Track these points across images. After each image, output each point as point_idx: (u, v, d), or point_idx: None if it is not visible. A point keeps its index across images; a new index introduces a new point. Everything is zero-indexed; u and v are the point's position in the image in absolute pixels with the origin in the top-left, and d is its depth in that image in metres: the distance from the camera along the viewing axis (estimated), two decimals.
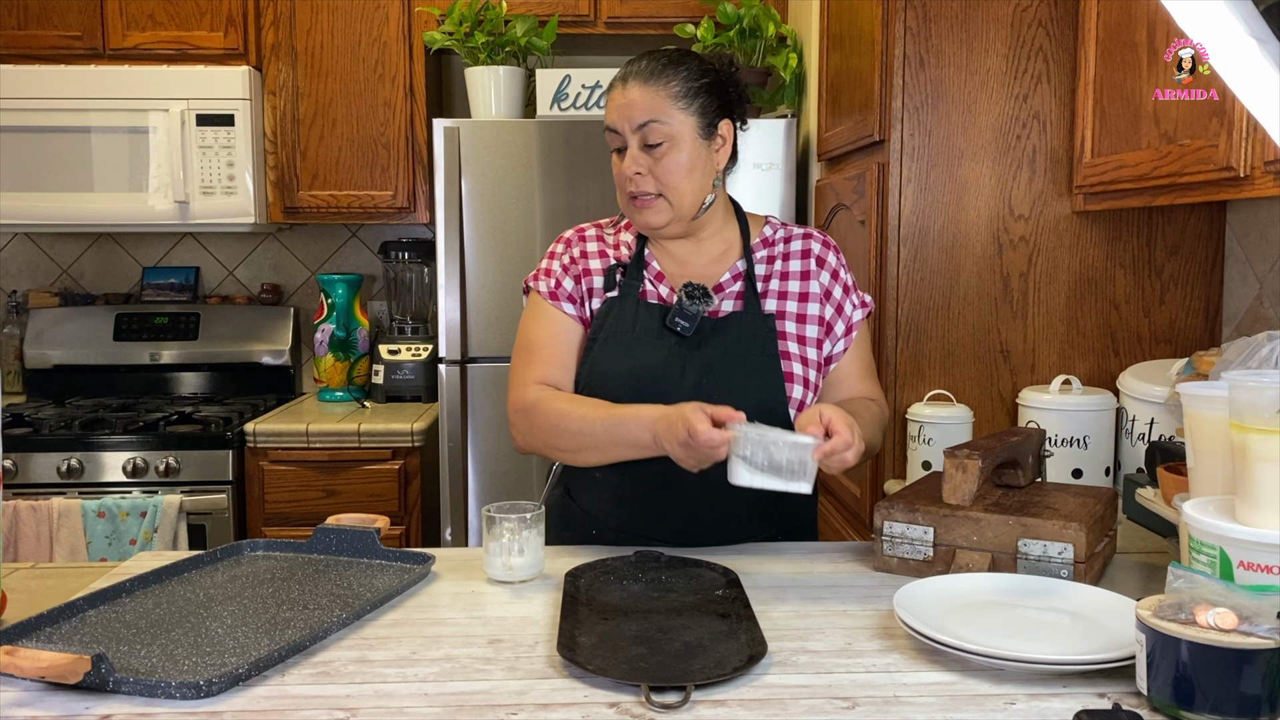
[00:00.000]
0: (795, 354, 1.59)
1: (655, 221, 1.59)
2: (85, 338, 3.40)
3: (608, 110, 1.60)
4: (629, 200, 1.60)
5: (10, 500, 2.75)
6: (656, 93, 1.55)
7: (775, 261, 1.66)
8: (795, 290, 1.63)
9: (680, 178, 1.56)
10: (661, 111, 1.54)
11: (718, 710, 1.01)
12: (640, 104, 1.55)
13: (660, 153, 1.55)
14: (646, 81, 1.56)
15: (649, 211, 1.58)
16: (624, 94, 1.57)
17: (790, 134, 2.87)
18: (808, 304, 1.63)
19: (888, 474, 2.15)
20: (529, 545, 1.41)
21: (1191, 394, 1.25)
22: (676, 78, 1.56)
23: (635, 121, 1.55)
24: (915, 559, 1.42)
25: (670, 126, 1.55)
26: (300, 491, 2.96)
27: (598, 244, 1.69)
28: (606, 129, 1.60)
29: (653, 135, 1.54)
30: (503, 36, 3.00)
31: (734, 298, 1.62)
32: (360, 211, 3.22)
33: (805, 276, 1.64)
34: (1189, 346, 2.10)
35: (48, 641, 1.18)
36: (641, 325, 1.59)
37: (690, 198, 1.58)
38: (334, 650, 1.17)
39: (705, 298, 1.58)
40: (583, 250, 1.68)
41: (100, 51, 3.14)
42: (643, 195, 1.57)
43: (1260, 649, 0.94)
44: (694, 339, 1.57)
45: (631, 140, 1.56)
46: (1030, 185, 2.08)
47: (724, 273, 1.64)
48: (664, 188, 1.56)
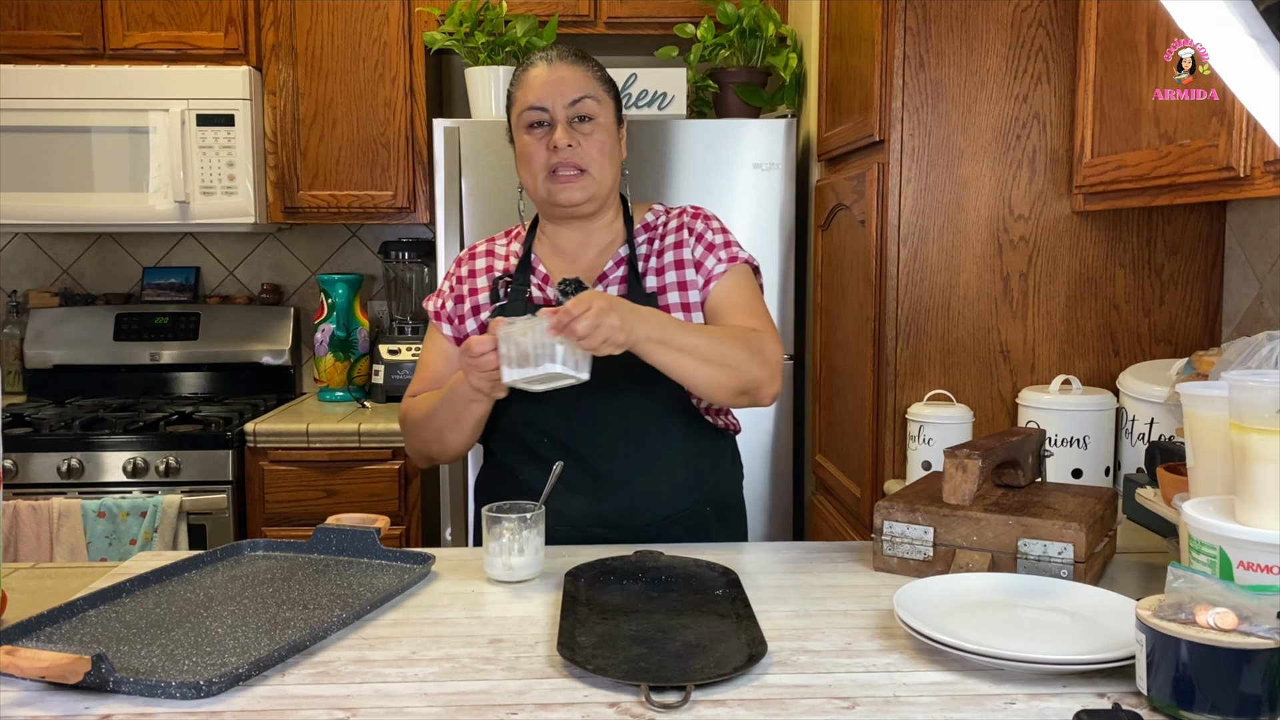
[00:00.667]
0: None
1: (576, 198, 1.62)
2: (85, 338, 3.40)
3: (528, 88, 1.62)
4: (549, 178, 1.62)
5: (10, 500, 2.75)
6: (586, 73, 1.63)
7: (654, 241, 1.70)
8: (671, 261, 1.67)
9: (604, 155, 1.63)
10: (593, 89, 1.62)
11: (718, 710, 1.02)
12: (572, 80, 1.61)
13: (589, 129, 1.61)
14: (575, 62, 1.63)
15: (572, 188, 1.62)
16: (552, 71, 1.61)
17: (790, 134, 2.87)
18: (684, 271, 1.66)
19: (888, 474, 2.15)
20: (529, 545, 1.41)
21: (1191, 394, 1.25)
22: (596, 66, 1.65)
23: (569, 96, 1.60)
24: (915, 559, 1.42)
25: (599, 104, 1.62)
26: (300, 491, 2.96)
27: (486, 259, 1.76)
28: (528, 108, 1.61)
29: (585, 109, 1.60)
30: (503, 36, 3.00)
31: (618, 283, 1.66)
32: (360, 211, 3.22)
33: (679, 246, 1.68)
34: (1189, 346, 2.10)
35: (48, 641, 1.18)
36: None
37: (609, 178, 1.65)
38: (334, 650, 1.17)
39: (580, 289, 1.61)
40: (470, 269, 1.75)
41: (100, 51, 3.14)
42: (567, 169, 1.60)
43: (1260, 649, 0.94)
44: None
45: (562, 115, 1.60)
46: (1030, 185, 2.08)
47: (608, 262, 1.68)
48: (589, 163, 1.61)
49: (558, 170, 1.61)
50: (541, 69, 1.63)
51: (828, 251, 2.63)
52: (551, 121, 1.61)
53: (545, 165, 1.62)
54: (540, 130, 1.62)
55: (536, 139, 1.62)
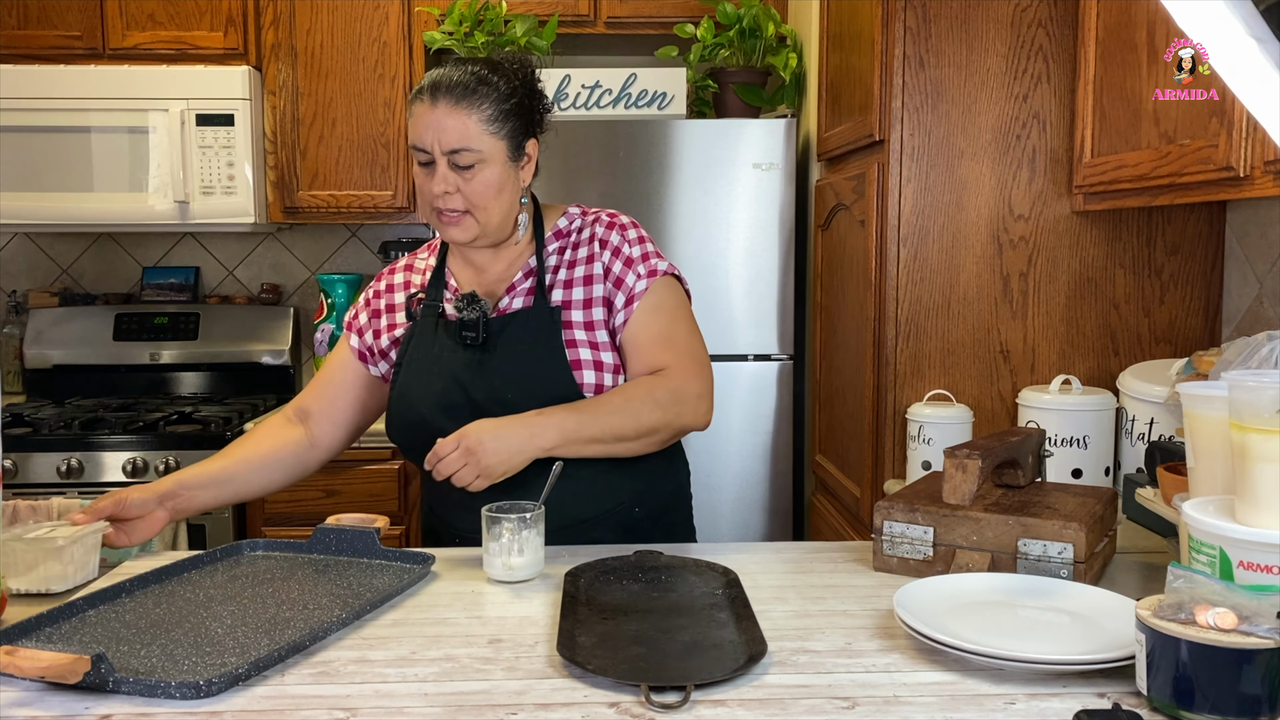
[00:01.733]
0: (583, 340, 1.61)
1: (462, 238, 1.60)
2: (85, 338, 3.40)
3: (414, 124, 1.56)
4: (434, 214, 1.59)
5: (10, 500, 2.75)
6: (468, 117, 1.53)
7: (566, 251, 1.67)
8: (580, 275, 1.64)
9: (490, 198, 1.57)
10: (472, 138, 1.53)
11: (718, 710, 1.01)
12: (451, 129, 1.53)
13: (470, 174, 1.55)
14: (457, 103, 1.53)
15: (455, 229, 1.59)
16: (432, 113, 1.54)
17: (790, 134, 2.87)
18: (591, 286, 1.64)
19: (888, 474, 2.15)
20: (529, 545, 1.41)
21: (1191, 394, 1.25)
22: (487, 100, 1.54)
23: (446, 146, 1.53)
24: (915, 559, 1.42)
25: (481, 152, 1.54)
26: (300, 491, 2.95)
27: (404, 274, 1.75)
28: (413, 146, 1.57)
29: (463, 159, 1.54)
30: (503, 36, 3.00)
31: (525, 294, 1.64)
32: (360, 211, 3.22)
33: (590, 260, 1.65)
34: (1189, 346, 2.10)
35: (48, 641, 1.18)
36: (440, 343, 1.63)
37: (498, 216, 1.59)
38: (334, 650, 1.17)
39: (474, 303, 1.60)
40: (389, 284, 1.76)
41: (100, 51, 3.14)
42: (449, 212, 1.57)
43: (1260, 649, 0.94)
44: (487, 344, 1.60)
45: (440, 160, 1.55)
46: (1030, 185, 2.08)
47: (516, 273, 1.66)
48: (473, 207, 1.57)
49: (441, 211, 1.57)
50: (423, 105, 1.55)
51: (828, 251, 2.63)
52: (434, 162, 1.55)
53: (430, 203, 1.58)
54: (425, 168, 1.57)
55: (423, 173, 1.58)
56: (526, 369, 1.58)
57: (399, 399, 1.65)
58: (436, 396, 1.60)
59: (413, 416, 1.62)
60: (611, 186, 2.87)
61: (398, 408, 1.65)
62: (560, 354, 1.58)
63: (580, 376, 1.58)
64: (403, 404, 1.64)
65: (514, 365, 1.58)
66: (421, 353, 1.64)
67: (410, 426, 1.63)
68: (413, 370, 1.64)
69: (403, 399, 1.64)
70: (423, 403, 1.61)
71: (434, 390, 1.61)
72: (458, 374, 1.60)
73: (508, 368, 1.58)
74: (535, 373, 1.58)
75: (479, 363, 1.59)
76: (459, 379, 1.59)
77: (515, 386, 1.56)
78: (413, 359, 1.65)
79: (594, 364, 1.60)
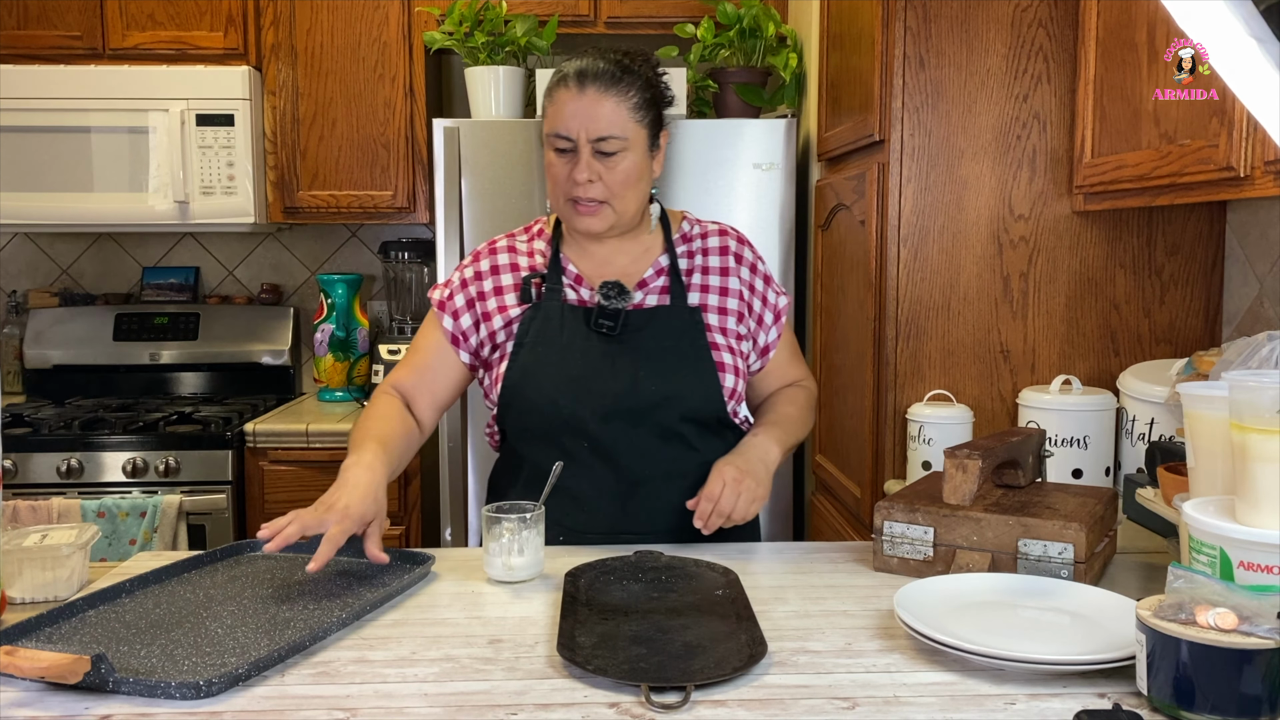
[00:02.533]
0: (723, 344, 1.63)
1: (598, 228, 1.59)
2: (85, 338, 3.40)
3: (555, 111, 1.55)
4: (569, 204, 1.58)
5: (10, 500, 2.75)
6: (619, 104, 1.53)
7: (695, 256, 1.68)
8: (716, 284, 1.66)
9: (629, 187, 1.57)
10: (621, 125, 1.54)
11: (718, 710, 1.01)
12: (601, 116, 1.53)
13: (614, 162, 1.55)
14: (606, 90, 1.53)
15: (593, 219, 1.58)
16: (579, 99, 1.53)
17: (790, 134, 2.87)
18: (728, 298, 1.66)
19: (888, 474, 2.15)
20: (529, 545, 1.41)
21: (1191, 394, 1.25)
22: (633, 87, 1.55)
23: (596, 132, 1.53)
24: (915, 559, 1.42)
25: (626, 140, 1.54)
26: (300, 491, 2.95)
27: (508, 255, 1.71)
28: (555, 134, 1.55)
29: (608, 146, 1.53)
30: (503, 36, 3.00)
31: (659, 292, 1.64)
32: (360, 211, 3.22)
33: (725, 273, 1.68)
34: (1189, 346, 2.10)
35: (48, 641, 1.18)
36: (568, 329, 1.61)
37: (633, 206, 1.60)
38: (334, 650, 1.17)
39: (622, 294, 1.60)
40: (492, 265, 1.70)
41: (100, 51, 3.14)
42: (586, 202, 1.56)
43: (1260, 649, 0.94)
44: (622, 336, 1.59)
45: (585, 148, 1.54)
46: (1030, 185, 2.08)
47: (646, 269, 1.66)
48: (611, 196, 1.56)
49: (578, 201, 1.56)
50: (571, 94, 1.54)
51: (828, 251, 2.63)
52: (576, 149, 1.54)
53: (566, 191, 1.57)
54: (565, 155, 1.56)
55: (561, 161, 1.56)
56: (672, 366, 1.58)
57: (521, 380, 1.60)
58: (568, 381, 1.57)
59: (538, 398, 1.58)
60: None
61: (520, 389, 1.60)
62: (707, 355, 1.60)
63: (724, 379, 1.60)
64: (525, 385, 1.60)
65: (660, 360, 1.58)
66: (548, 336, 1.61)
67: (534, 410, 1.59)
68: (537, 353, 1.60)
69: (526, 380, 1.60)
70: (551, 385, 1.58)
71: (565, 374, 1.57)
72: (594, 362, 1.57)
73: (654, 361, 1.58)
74: (681, 371, 1.58)
75: (616, 353, 1.58)
76: (595, 367, 1.57)
77: (660, 381, 1.56)
78: (536, 342, 1.61)
79: (734, 369, 1.62)
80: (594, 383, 1.57)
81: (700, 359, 1.60)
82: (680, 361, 1.59)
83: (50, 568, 1.34)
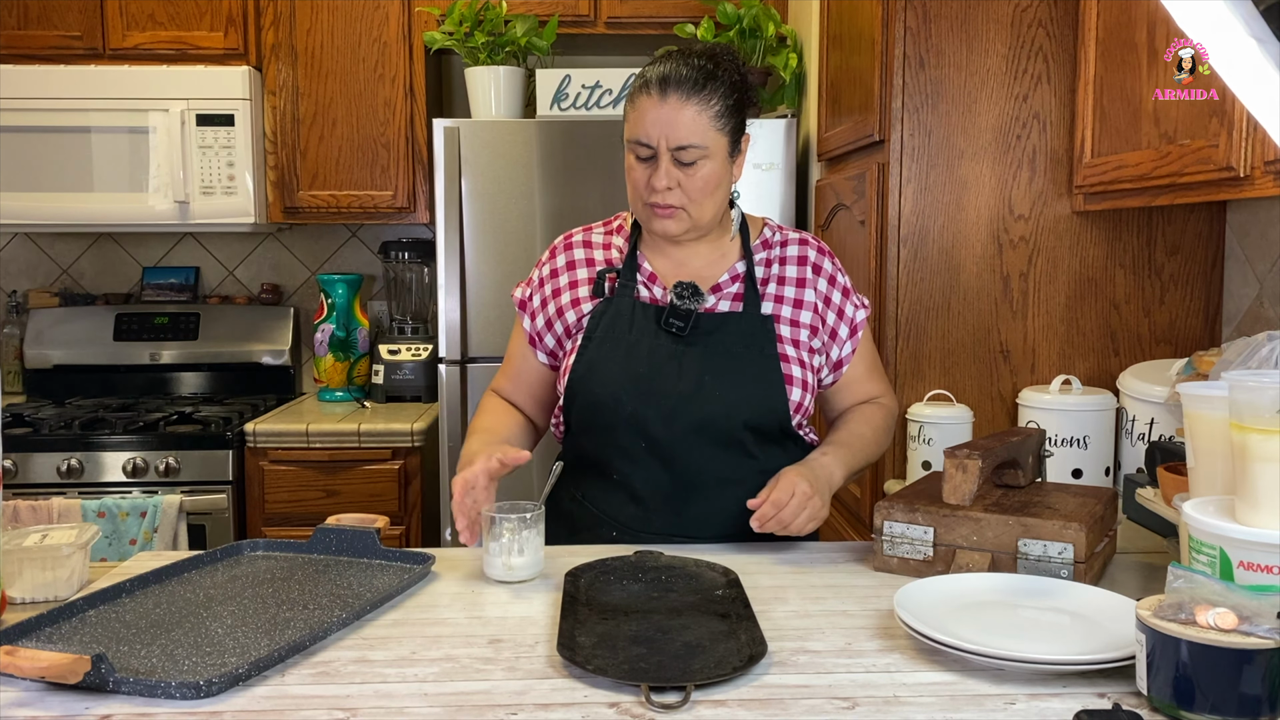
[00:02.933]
0: (793, 357, 1.60)
1: (674, 230, 1.58)
2: (85, 338, 3.40)
3: (638, 119, 1.53)
4: (648, 209, 1.57)
5: (10, 500, 2.75)
6: (700, 113, 1.51)
7: (773, 265, 1.66)
8: (791, 296, 1.64)
9: (707, 194, 1.55)
10: (702, 134, 1.51)
11: (718, 710, 1.01)
12: (682, 124, 1.50)
13: (693, 170, 1.53)
14: (688, 98, 1.50)
15: (670, 222, 1.57)
16: (661, 107, 1.50)
17: (790, 134, 2.87)
18: (802, 310, 1.63)
19: (888, 474, 2.15)
20: (529, 545, 1.41)
21: (1191, 394, 1.25)
22: (715, 95, 1.52)
23: (676, 141, 1.51)
24: (915, 559, 1.42)
25: (706, 149, 1.52)
26: (300, 491, 2.96)
27: (584, 250, 1.70)
28: (635, 141, 1.54)
29: (688, 156, 1.52)
30: (503, 36, 3.00)
31: (732, 298, 1.62)
32: (360, 211, 3.22)
33: (801, 284, 1.65)
34: (1189, 346, 2.10)
35: (48, 641, 1.17)
36: (638, 326, 1.60)
37: (711, 211, 1.58)
38: (334, 650, 1.17)
39: (696, 295, 1.58)
40: (569, 260, 1.69)
41: (100, 51, 3.14)
42: (664, 206, 1.55)
43: (1260, 649, 0.94)
44: (691, 338, 1.58)
45: (664, 156, 1.52)
46: (1030, 185, 2.08)
47: (722, 273, 1.64)
48: (689, 203, 1.55)
49: (656, 205, 1.55)
50: (652, 101, 1.51)
51: None
52: (656, 156, 1.52)
53: (644, 196, 1.56)
54: (644, 163, 1.54)
55: (640, 167, 1.55)
56: (739, 373, 1.56)
57: (586, 374, 1.60)
58: (633, 379, 1.56)
59: (603, 394, 1.57)
60: (611, 187, 2.87)
61: (585, 383, 1.60)
62: (775, 365, 1.58)
63: (790, 391, 1.58)
64: (591, 380, 1.59)
65: (727, 366, 1.56)
66: (617, 332, 1.60)
67: (598, 404, 1.58)
68: (605, 348, 1.60)
69: (591, 374, 1.59)
70: (615, 382, 1.57)
71: (631, 372, 1.56)
72: (661, 362, 1.56)
73: (720, 367, 1.56)
74: (749, 378, 1.56)
75: (683, 355, 1.56)
76: (660, 366, 1.56)
77: (724, 387, 1.55)
78: (605, 337, 1.60)
79: (802, 383, 1.60)
80: (658, 382, 1.56)
81: (768, 368, 1.57)
82: (747, 369, 1.57)
83: (50, 568, 1.34)
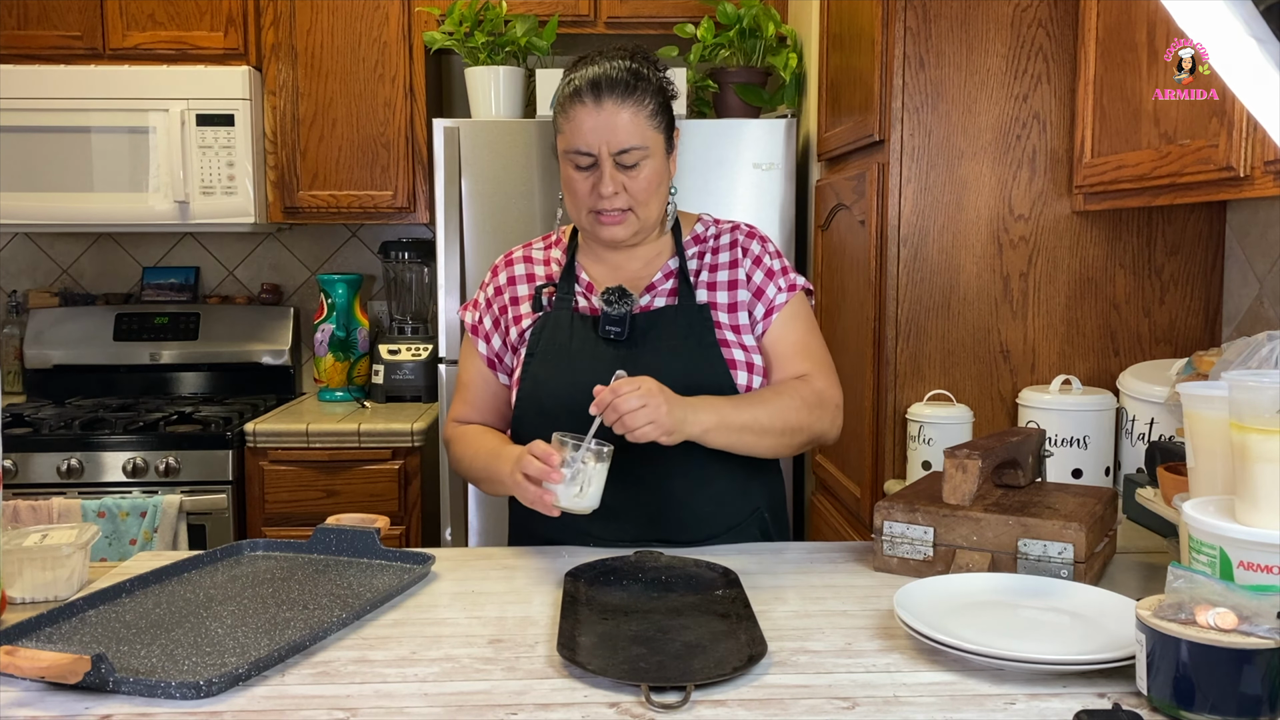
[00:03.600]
0: (734, 341, 1.60)
1: (622, 236, 1.58)
2: (85, 338, 3.40)
3: (574, 129, 1.52)
4: (593, 217, 1.57)
5: (10, 500, 2.75)
6: (636, 114, 1.52)
7: (706, 255, 1.66)
8: (724, 280, 1.64)
9: (651, 193, 1.56)
10: (641, 134, 1.52)
11: (718, 710, 1.01)
12: (623, 128, 1.51)
13: (635, 172, 1.54)
14: (623, 101, 1.51)
15: (619, 228, 1.57)
16: (598, 114, 1.51)
17: (790, 134, 2.87)
18: (736, 291, 1.63)
19: (888, 474, 2.15)
20: (596, 479, 1.38)
21: (1191, 394, 1.25)
22: (648, 94, 1.53)
23: (618, 145, 1.51)
24: (915, 559, 1.42)
25: (647, 148, 1.53)
26: (300, 491, 2.96)
27: (525, 266, 1.71)
28: (574, 151, 1.53)
29: (630, 158, 1.52)
30: (503, 36, 3.00)
31: (667, 294, 1.63)
32: (360, 211, 3.22)
33: (733, 265, 1.65)
34: (1189, 346, 2.10)
35: (48, 641, 1.18)
36: (578, 336, 1.60)
37: (656, 210, 1.60)
38: (334, 650, 1.17)
39: (624, 298, 1.58)
40: (510, 276, 1.70)
41: (100, 51, 3.14)
42: (611, 212, 1.55)
43: (1260, 649, 0.94)
44: (631, 340, 1.57)
45: (607, 161, 1.52)
46: (1030, 185, 2.08)
47: (655, 273, 1.65)
48: (635, 204, 1.56)
49: (602, 213, 1.55)
50: (587, 109, 1.51)
51: (828, 251, 2.63)
52: (597, 164, 1.53)
53: (589, 205, 1.56)
54: (585, 171, 1.54)
55: (581, 176, 1.55)
56: (682, 366, 1.55)
57: (532, 391, 1.60)
58: (579, 390, 1.52)
59: (552, 407, 1.56)
60: None
61: (530, 400, 1.60)
62: (716, 352, 1.58)
63: (736, 376, 1.58)
64: (536, 396, 1.59)
65: (670, 361, 1.55)
66: (557, 345, 1.60)
67: (547, 419, 1.55)
68: (547, 363, 1.59)
69: (537, 392, 1.59)
70: (560, 396, 1.56)
71: (574, 384, 1.54)
72: (603, 369, 1.52)
73: (660, 364, 1.54)
74: (691, 370, 1.56)
75: (625, 358, 1.55)
76: (605, 374, 1.52)
77: (670, 381, 1.50)
78: (546, 351, 1.60)
79: (747, 365, 1.59)
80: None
81: (710, 357, 1.58)
82: (691, 360, 1.57)
83: (50, 568, 1.34)
